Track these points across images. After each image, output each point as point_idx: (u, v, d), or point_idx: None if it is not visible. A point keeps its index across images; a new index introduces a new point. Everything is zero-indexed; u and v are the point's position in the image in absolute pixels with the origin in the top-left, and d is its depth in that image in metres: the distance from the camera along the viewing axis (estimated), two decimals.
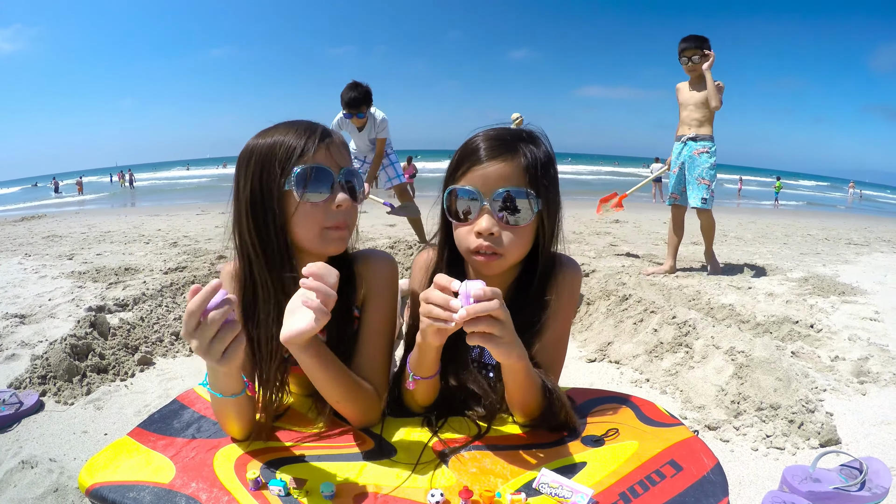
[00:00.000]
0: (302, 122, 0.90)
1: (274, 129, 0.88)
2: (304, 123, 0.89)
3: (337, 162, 0.88)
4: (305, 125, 0.88)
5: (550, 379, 0.90)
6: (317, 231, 0.87)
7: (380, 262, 0.98)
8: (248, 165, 0.86)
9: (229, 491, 0.75)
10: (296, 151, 0.84)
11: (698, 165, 3.33)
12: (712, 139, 3.35)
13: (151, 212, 9.32)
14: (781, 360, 1.76)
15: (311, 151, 0.85)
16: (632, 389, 1.84)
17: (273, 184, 0.84)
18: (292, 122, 0.90)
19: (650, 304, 2.37)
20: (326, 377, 0.83)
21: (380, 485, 0.77)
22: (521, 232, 0.87)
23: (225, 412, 0.85)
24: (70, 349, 1.86)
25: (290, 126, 0.88)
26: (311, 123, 0.90)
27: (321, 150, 0.86)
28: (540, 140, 0.91)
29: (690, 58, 3.32)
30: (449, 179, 0.91)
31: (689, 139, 3.38)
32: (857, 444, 1.47)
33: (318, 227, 0.87)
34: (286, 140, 0.85)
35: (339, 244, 0.89)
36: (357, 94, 3.68)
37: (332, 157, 0.87)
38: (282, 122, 0.90)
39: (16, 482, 1.24)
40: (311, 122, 0.90)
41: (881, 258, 4.46)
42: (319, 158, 0.86)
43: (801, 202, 18.91)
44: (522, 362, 0.79)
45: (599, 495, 0.74)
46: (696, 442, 0.88)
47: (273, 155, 0.84)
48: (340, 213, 0.87)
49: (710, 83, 3.24)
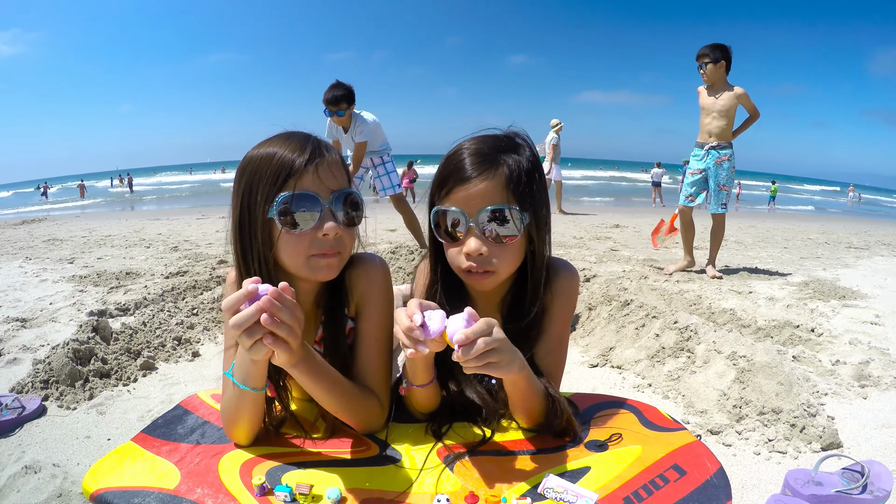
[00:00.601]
0: (296, 137, 0.85)
1: (269, 142, 0.85)
2: (297, 140, 0.84)
3: (327, 185, 0.83)
4: (297, 143, 0.83)
5: (552, 385, 0.90)
6: (302, 260, 0.83)
7: (371, 268, 0.95)
8: (240, 182, 0.84)
9: (235, 497, 0.76)
10: (281, 174, 0.80)
11: (720, 173, 3.48)
12: (731, 146, 3.50)
13: (152, 216, 9.33)
14: (783, 364, 1.77)
15: (298, 175, 0.80)
16: (634, 394, 1.85)
17: (257, 209, 0.81)
18: (288, 135, 0.86)
19: (652, 309, 2.38)
20: (320, 388, 0.82)
21: (385, 490, 0.77)
22: (511, 248, 0.87)
23: (240, 409, 0.83)
24: (72, 353, 1.86)
25: (283, 141, 0.83)
26: (304, 140, 0.84)
27: (308, 173, 0.81)
28: (521, 146, 0.89)
29: (701, 65, 3.45)
30: (434, 195, 0.90)
31: (712, 148, 3.50)
32: (858, 447, 1.48)
33: (302, 257, 0.83)
34: (275, 158, 0.81)
35: (328, 272, 0.85)
36: (337, 93, 3.65)
37: (321, 181, 0.82)
38: (279, 135, 0.86)
39: (19, 487, 1.24)
40: (304, 138, 0.85)
41: (881, 262, 4.47)
42: (306, 183, 0.81)
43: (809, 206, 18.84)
44: (523, 372, 0.80)
45: (604, 500, 0.74)
46: (699, 446, 0.88)
47: (259, 175, 0.81)
48: (329, 241, 0.83)
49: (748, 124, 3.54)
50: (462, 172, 0.85)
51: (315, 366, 0.81)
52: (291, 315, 0.68)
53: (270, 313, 0.66)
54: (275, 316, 0.66)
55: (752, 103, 3.45)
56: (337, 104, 3.66)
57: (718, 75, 3.41)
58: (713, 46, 3.41)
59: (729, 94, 3.40)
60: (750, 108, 3.47)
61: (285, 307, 0.67)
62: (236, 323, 0.66)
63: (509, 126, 0.92)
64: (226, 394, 0.86)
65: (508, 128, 0.92)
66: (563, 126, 8.16)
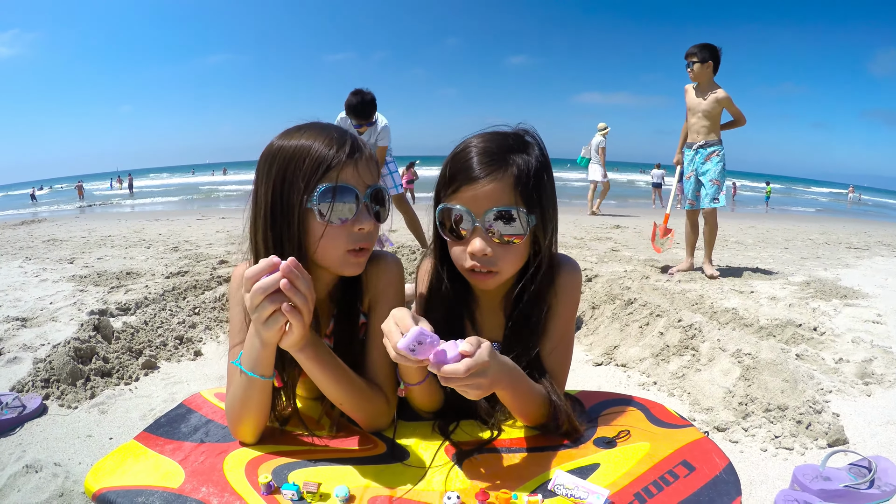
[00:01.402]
0: (332, 129, 0.83)
1: (301, 132, 0.83)
2: (335, 132, 0.83)
3: (364, 180, 0.83)
4: (335, 135, 0.82)
5: (554, 388, 0.89)
6: (339, 253, 0.83)
7: (386, 266, 0.95)
8: (270, 170, 0.82)
9: (241, 495, 0.74)
10: (321, 165, 0.79)
11: (709, 169, 3.47)
12: (720, 142, 3.49)
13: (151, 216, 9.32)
14: (787, 361, 1.77)
15: (339, 167, 0.79)
16: (639, 392, 1.84)
17: (294, 197, 0.80)
18: (322, 126, 0.84)
19: (655, 307, 2.38)
20: (326, 377, 0.82)
21: (395, 487, 0.76)
22: (515, 248, 0.86)
23: (247, 401, 0.82)
24: (74, 352, 1.85)
25: (319, 132, 0.82)
26: (342, 133, 0.83)
27: (349, 166, 0.81)
28: (531, 145, 0.88)
29: (689, 63, 3.43)
30: (440, 193, 0.89)
31: (700, 147, 3.51)
32: (864, 443, 1.48)
33: (340, 251, 0.83)
34: (313, 149, 0.80)
35: (358, 268, 0.86)
36: (366, 103, 3.48)
37: (359, 175, 0.82)
38: (311, 124, 0.84)
39: (20, 486, 1.23)
40: (341, 131, 0.83)
41: (882, 262, 4.47)
42: (346, 176, 0.80)
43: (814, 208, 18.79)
44: (512, 385, 0.79)
45: (615, 496, 0.73)
46: (707, 443, 0.88)
47: (296, 164, 0.79)
48: (363, 235, 0.83)
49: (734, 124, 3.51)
50: (470, 171, 0.84)
51: (322, 352, 0.81)
52: (307, 285, 0.71)
53: (290, 279, 0.69)
54: (293, 283, 0.70)
55: (737, 107, 3.42)
56: (368, 116, 3.50)
57: (705, 75, 3.38)
58: (702, 46, 3.39)
59: (712, 97, 3.38)
60: (734, 112, 3.44)
61: (302, 276, 0.71)
62: (261, 286, 0.69)
63: (518, 124, 0.91)
64: (232, 387, 0.85)
65: (517, 125, 0.91)
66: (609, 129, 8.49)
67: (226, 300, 2.69)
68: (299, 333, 0.74)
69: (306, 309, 0.72)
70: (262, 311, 0.70)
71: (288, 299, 0.70)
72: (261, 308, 0.70)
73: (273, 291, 0.70)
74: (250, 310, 0.72)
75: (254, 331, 0.76)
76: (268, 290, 0.69)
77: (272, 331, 0.72)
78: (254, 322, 0.73)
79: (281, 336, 0.74)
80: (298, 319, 0.72)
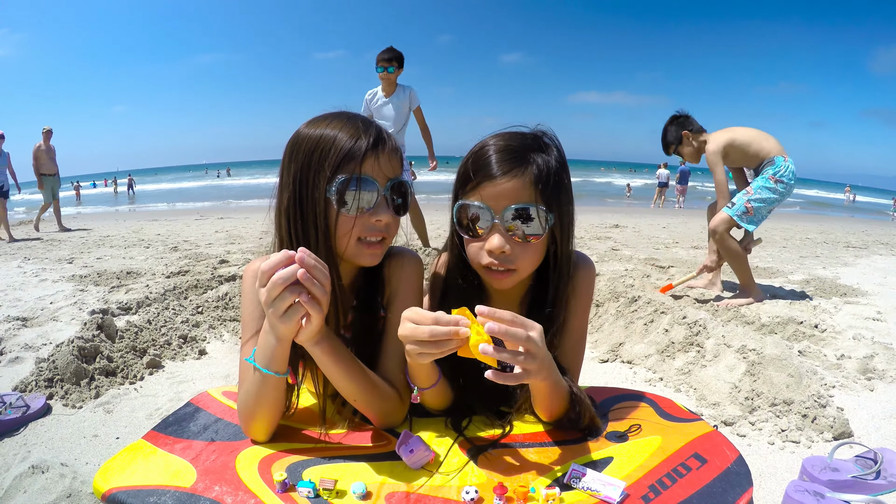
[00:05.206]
0: (357, 119, 0.84)
1: (326, 121, 0.83)
2: (360, 122, 0.83)
3: (385, 172, 0.83)
4: (360, 125, 0.82)
5: (575, 383, 0.89)
6: (352, 243, 0.84)
7: (407, 262, 0.95)
8: (294, 159, 0.82)
9: (255, 494, 0.73)
10: (341, 155, 0.80)
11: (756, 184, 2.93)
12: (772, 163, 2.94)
13: (150, 217, 9.28)
14: (792, 357, 1.78)
15: (360, 157, 0.80)
16: (646, 388, 1.85)
17: (316, 187, 0.81)
18: (349, 116, 0.85)
19: (660, 304, 2.38)
20: (340, 372, 0.81)
21: (412, 483, 0.76)
22: (533, 247, 0.86)
23: (261, 398, 0.82)
24: (77, 351, 1.84)
25: (344, 122, 0.83)
26: (367, 123, 0.84)
27: (370, 158, 0.81)
28: (551, 146, 0.88)
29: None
30: (459, 190, 0.89)
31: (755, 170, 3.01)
32: (868, 436, 1.49)
33: (353, 239, 0.83)
34: (336, 138, 0.80)
35: (373, 259, 0.87)
36: (391, 52, 3.86)
37: (379, 167, 0.82)
38: (336, 114, 0.85)
39: (26, 487, 1.22)
40: (366, 121, 0.84)
41: (880, 260, 4.51)
42: (367, 168, 0.81)
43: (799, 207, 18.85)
44: (552, 377, 0.78)
45: (630, 488, 0.74)
46: (717, 436, 0.88)
47: (319, 153, 0.80)
48: (378, 226, 0.84)
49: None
50: (490, 169, 0.84)
51: (337, 346, 0.81)
52: (324, 274, 0.71)
53: (308, 268, 0.69)
54: (311, 272, 0.69)
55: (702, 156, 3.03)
56: (389, 61, 3.85)
57: (688, 152, 3.06)
58: (662, 135, 3.11)
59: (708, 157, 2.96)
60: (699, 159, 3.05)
61: (318, 266, 0.70)
62: (280, 277, 0.68)
63: (537, 125, 0.91)
64: (245, 384, 0.84)
65: (536, 126, 0.91)
66: None
67: (229, 299, 2.68)
68: (317, 325, 0.73)
69: (325, 299, 0.71)
70: (281, 302, 0.70)
71: (306, 290, 0.70)
72: (279, 300, 0.70)
73: (291, 283, 0.69)
74: (266, 304, 0.71)
75: (269, 326, 0.76)
76: (287, 280, 0.69)
77: (290, 324, 0.72)
78: (270, 316, 0.72)
79: (297, 330, 0.74)
80: (317, 310, 0.71)
